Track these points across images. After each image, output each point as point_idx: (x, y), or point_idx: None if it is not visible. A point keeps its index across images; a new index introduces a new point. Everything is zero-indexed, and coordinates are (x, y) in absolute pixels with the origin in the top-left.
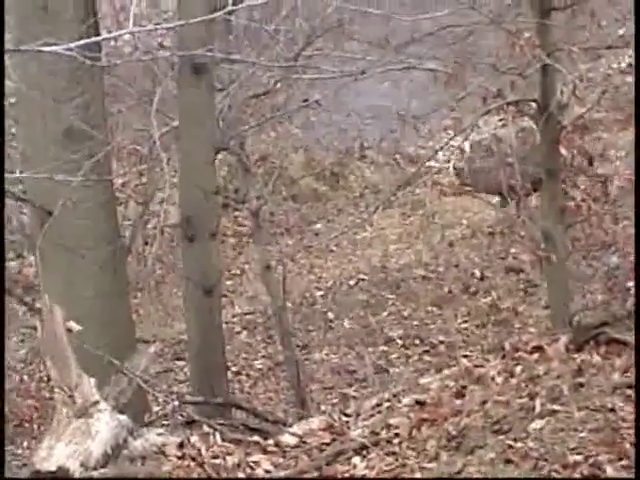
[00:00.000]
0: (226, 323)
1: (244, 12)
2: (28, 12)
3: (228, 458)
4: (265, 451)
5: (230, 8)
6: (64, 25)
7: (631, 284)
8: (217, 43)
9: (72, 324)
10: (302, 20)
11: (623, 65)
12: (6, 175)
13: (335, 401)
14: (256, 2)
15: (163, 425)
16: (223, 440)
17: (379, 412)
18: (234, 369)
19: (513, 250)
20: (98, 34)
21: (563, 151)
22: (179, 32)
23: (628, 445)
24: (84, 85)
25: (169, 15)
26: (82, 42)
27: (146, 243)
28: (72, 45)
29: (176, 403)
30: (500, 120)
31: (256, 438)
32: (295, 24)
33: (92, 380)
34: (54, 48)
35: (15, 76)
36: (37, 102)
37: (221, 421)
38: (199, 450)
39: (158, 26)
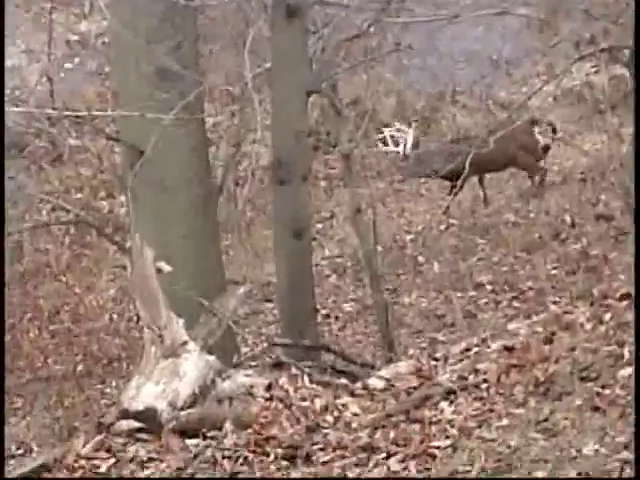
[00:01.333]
0: (315, 266)
1: None
2: None
3: (316, 400)
4: (353, 394)
5: None
6: None
7: None
8: None
9: (162, 264)
10: None
11: None
12: (99, 113)
13: (423, 345)
14: None
15: (251, 366)
16: (311, 382)
17: (467, 357)
18: (323, 312)
19: (603, 197)
20: None
21: None
22: None
23: None
24: (177, 25)
25: None
26: None
27: (237, 184)
28: None
29: (265, 345)
30: (593, 67)
31: (344, 381)
32: None
33: (181, 320)
34: None
35: (109, 16)
36: (130, 42)
37: (309, 363)
38: (287, 392)
39: None
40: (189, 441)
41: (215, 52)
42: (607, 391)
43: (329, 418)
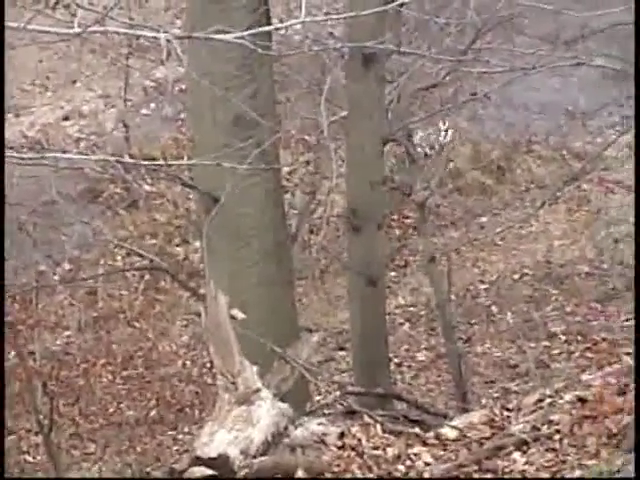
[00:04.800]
0: (389, 314)
1: (415, 3)
2: None
3: (388, 449)
4: (425, 443)
5: (401, 0)
6: (236, 13)
7: None
8: (387, 34)
9: (236, 311)
10: (473, 13)
11: None
12: (175, 162)
13: (496, 395)
14: None
15: (324, 414)
16: (384, 431)
17: (540, 408)
18: (396, 360)
19: None
20: (269, 22)
21: None
22: (349, 22)
23: None
24: (254, 73)
25: (340, 5)
26: (254, 31)
27: (312, 232)
28: (245, 33)
29: (338, 393)
30: None
31: (416, 430)
32: (466, 17)
33: (254, 367)
34: (226, 36)
35: (186, 63)
36: (207, 89)
37: (382, 412)
38: (359, 440)
39: (329, 16)
40: None
41: (291, 100)
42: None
43: (401, 467)
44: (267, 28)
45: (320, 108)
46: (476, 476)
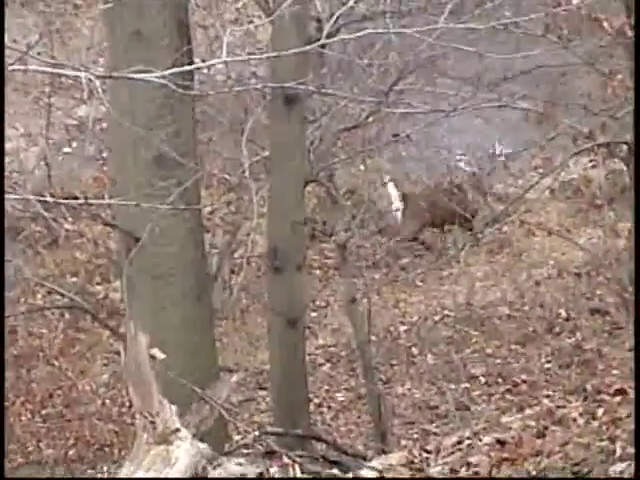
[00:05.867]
0: (309, 355)
1: (337, 44)
2: (122, 37)
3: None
4: None
5: (324, 41)
6: (158, 52)
7: None
8: (309, 75)
9: (156, 351)
10: (395, 54)
11: None
12: (95, 201)
13: (416, 436)
14: (352, 36)
15: (243, 455)
16: (302, 472)
17: (459, 450)
18: (316, 401)
19: (599, 292)
20: (191, 62)
21: None
22: (272, 63)
23: None
24: (175, 113)
25: (263, 45)
26: (175, 70)
27: (233, 272)
28: (166, 73)
29: (257, 433)
30: (590, 161)
31: (335, 471)
32: (388, 58)
33: (173, 407)
34: (148, 76)
35: (107, 102)
36: (128, 128)
37: (301, 453)
38: None
39: (251, 56)
40: None
41: (213, 140)
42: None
43: None
44: (188, 67)
45: (242, 148)
46: None
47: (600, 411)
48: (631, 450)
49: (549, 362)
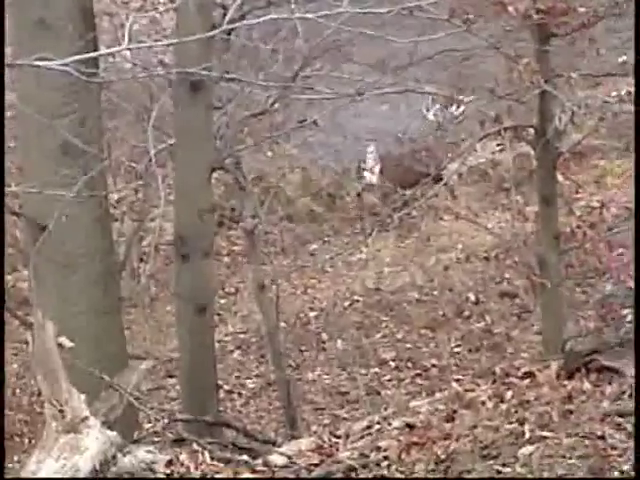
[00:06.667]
0: (219, 342)
1: (243, 31)
2: (26, 26)
3: (216, 477)
4: (254, 470)
5: (229, 26)
6: (62, 40)
7: (626, 311)
8: (215, 61)
9: (64, 340)
10: (301, 40)
11: (622, 93)
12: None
13: (326, 422)
14: (255, 21)
15: (153, 442)
16: (212, 459)
17: (369, 434)
18: (226, 387)
19: (507, 275)
20: (97, 50)
21: (560, 177)
22: (177, 50)
23: (617, 473)
24: (81, 101)
25: (169, 33)
26: (78, 57)
27: (141, 260)
28: (68, 60)
29: (166, 420)
30: (498, 145)
31: (245, 457)
32: (294, 44)
33: (82, 396)
34: (50, 63)
35: (13, 90)
36: (34, 117)
37: (210, 440)
38: (188, 468)
39: (153, 43)
40: None
41: (120, 127)
42: (508, 469)
43: None
44: (89, 55)
45: (148, 135)
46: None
47: (509, 394)
48: (540, 432)
49: (459, 346)
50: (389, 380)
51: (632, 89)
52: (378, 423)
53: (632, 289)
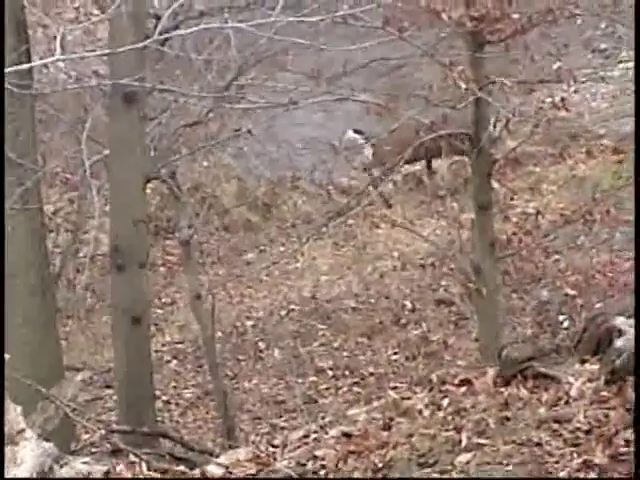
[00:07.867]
0: (156, 352)
1: (176, 41)
2: None
3: None
4: None
5: (162, 37)
6: None
7: (562, 318)
8: (149, 72)
9: None
10: (235, 50)
11: (556, 99)
12: None
13: (264, 431)
14: (188, 31)
15: (90, 454)
16: (149, 469)
17: (306, 443)
18: (164, 398)
19: (444, 282)
20: (30, 61)
21: (495, 184)
22: (111, 60)
23: None
24: (14, 112)
25: (103, 44)
26: (11, 69)
27: (77, 271)
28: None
29: (103, 432)
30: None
31: (182, 468)
32: (228, 54)
33: (18, 408)
34: None
35: None
36: None
37: (147, 450)
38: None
39: (86, 54)
40: None
41: (55, 138)
42: (445, 476)
43: None
44: (21, 67)
45: (82, 146)
46: None
47: (445, 401)
48: (476, 440)
49: (396, 354)
50: (326, 389)
51: (565, 95)
52: (315, 432)
53: (567, 295)
